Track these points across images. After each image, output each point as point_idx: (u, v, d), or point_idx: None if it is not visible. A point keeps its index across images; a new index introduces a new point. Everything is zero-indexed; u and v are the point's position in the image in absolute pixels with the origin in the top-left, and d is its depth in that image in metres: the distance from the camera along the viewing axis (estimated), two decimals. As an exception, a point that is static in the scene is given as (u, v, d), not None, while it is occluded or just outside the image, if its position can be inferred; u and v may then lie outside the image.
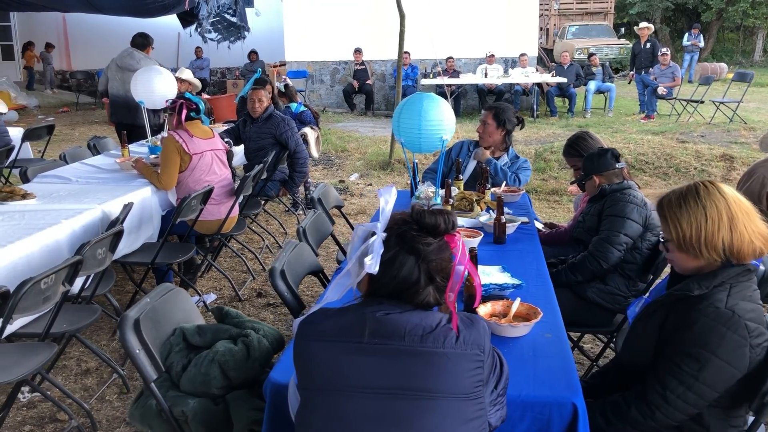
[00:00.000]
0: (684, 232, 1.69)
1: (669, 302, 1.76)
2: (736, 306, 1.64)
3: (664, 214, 1.74)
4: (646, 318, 1.82)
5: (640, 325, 1.84)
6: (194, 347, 2.06)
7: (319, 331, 1.34)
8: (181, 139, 3.88)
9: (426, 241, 1.31)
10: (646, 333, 1.78)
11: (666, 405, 1.67)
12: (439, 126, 3.04)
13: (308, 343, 1.34)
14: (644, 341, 1.79)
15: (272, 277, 2.45)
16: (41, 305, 2.42)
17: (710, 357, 1.62)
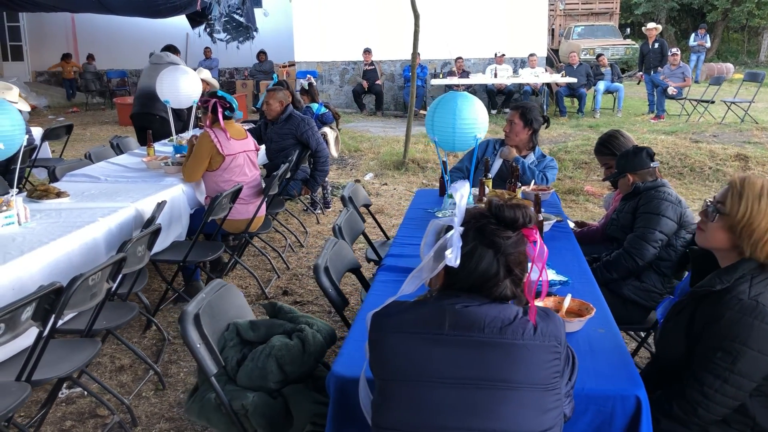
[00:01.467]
0: (751, 221, 1.70)
1: (693, 300, 1.79)
2: (759, 296, 1.67)
3: (742, 192, 1.74)
4: (674, 317, 1.84)
5: (669, 325, 1.87)
6: (248, 342, 2.09)
7: (397, 323, 1.37)
8: (216, 139, 3.92)
9: (505, 235, 1.34)
10: (676, 332, 1.81)
11: (706, 400, 1.69)
12: (474, 125, 3.07)
13: (386, 335, 1.37)
14: (675, 340, 1.81)
15: (317, 273, 2.47)
16: (89, 301, 2.45)
17: (741, 348, 1.64)
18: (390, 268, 2.48)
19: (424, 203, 3.54)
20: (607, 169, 3.35)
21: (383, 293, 2.25)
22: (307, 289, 4.37)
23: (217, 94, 3.97)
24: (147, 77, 6.15)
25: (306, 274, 4.64)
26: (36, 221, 3.10)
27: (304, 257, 4.99)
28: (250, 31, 14.14)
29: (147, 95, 5.98)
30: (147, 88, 5.97)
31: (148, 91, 5.95)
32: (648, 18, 24.86)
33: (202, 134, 4.00)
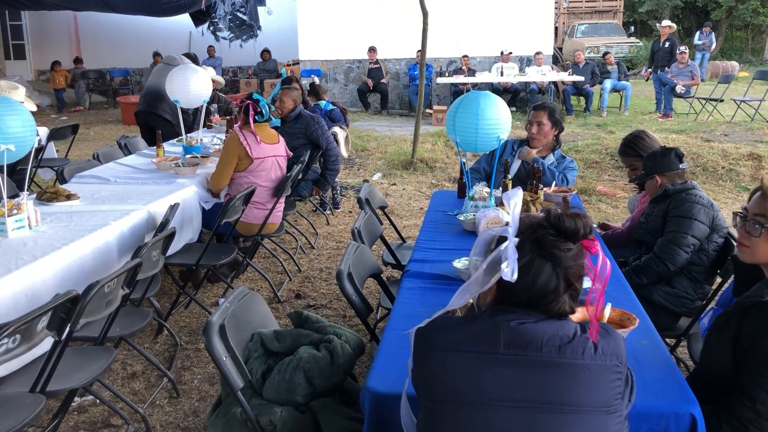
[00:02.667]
0: None
1: (739, 311, 1.70)
2: None
3: None
4: (718, 330, 1.75)
5: (713, 338, 1.78)
6: (272, 353, 2.00)
7: (447, 341, 1.28)
8: (246, 142, 3.85)
9: (565, 247, 1.25)
10: (721, 345, 1.72)
11: (758, 418, 1.61)
12: (497, 125, 2.98)
13: (435, 353, 1.29)
14: (720, 353, 1.72)
15: (340, 280, 2.39)
16: (104, 309, 2.37)
17: None
18: (415, 275, 2.39)
19: (443, 205, 3.45)
20: (631, 170, 3.26)
21: (411, 301, 2.17)
22: (320, 293, 4.28)
23: (253, 96, 3.90)
24: (156, 76, 6.06)
25: (318, 276, 4.56)
26: (47, 225, 3.02)
27: (315, 259, 4.91)
28: (253, 29, 14.05)
29: (153, 94, 5.90)
30: (154, 87, 5.90)
31: (155, 90, 5.87)
32: (652, 16, 24.77)
33: (230, 136, 3.94)
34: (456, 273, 2.38)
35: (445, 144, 8.72)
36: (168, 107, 5.71)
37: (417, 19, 12.25)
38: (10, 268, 2.45)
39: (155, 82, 5.93)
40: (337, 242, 5.29)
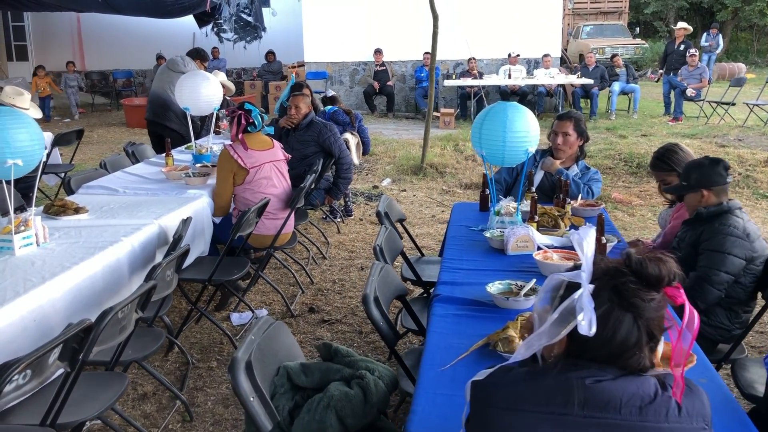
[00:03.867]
0: None
1: None
2: None
3: None
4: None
5: None
6: (300, 388, 1.88)
7: (512, 398, 1.15)
8: (236, 154, 3.71)
9: (648, 296, 1.12)
10: None
11: None
12: (525, 137, 2.85)
13: (497, 412, 1.16)
14: None
15: (366, 305, 2.26)
16: (118, 336, 2.24)
17: None
18: (446, 300, 2.26)
19: (465, 219, 3.32)
20: (663, 185, 3.12)
21: (445, 330, 2.04)
22: (334, 306, 4.16)
23: (245, 107, 3.76)
24: (159, 80, 5.92)
25: (331, 289, 4.43)
26: (55, 241, 2.89)
27: (327, 270, 4.78)
28: (258, 30, 13.96)
29: (158, 103, 5.76)
30: (159, 94, 5.76)
31: (159, 98, 5.74)
32: (657, 17, 24.64)
33: (221, 152, 3.81)
34: (489, 298, 2.25)
35: (454, 149, 8.59)
36: (175, 116, 5.58)
37: (423, 21, 12.13)
38: (18, 291, 2.33)
39: (159, 88, 5.79)
40: (349, 252, 5.16)
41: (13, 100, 4.80)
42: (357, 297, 4.27)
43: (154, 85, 5.96)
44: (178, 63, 5.86)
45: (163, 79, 5.91)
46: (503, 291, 2.27)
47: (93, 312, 2.67)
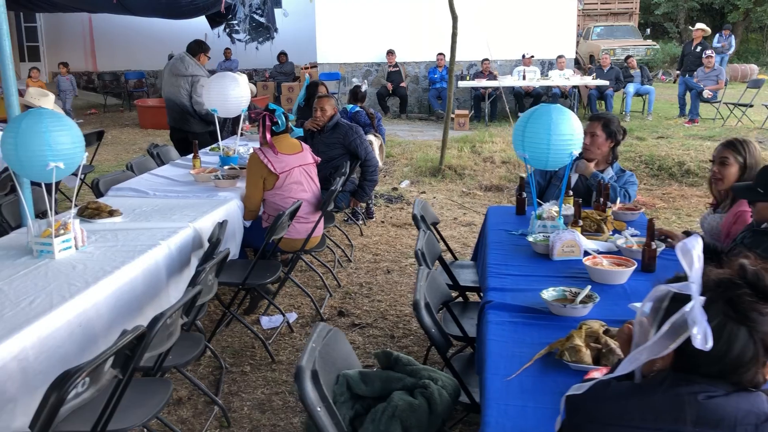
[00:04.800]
0: None
1: None
2: None
3: None
4: None
5: None
6: (359, 397, 1.84)
7: (616, 413, 1.11)
8: (265, 158, 3.68)
9: (765, 309, 1.08)
10: None
11: None
12: (570, 140, 2.81)
13: (602, 427, 1.12)
14: None
15: (417, 311, 2.22)
16: (166, 342, 2.21)
17: None
18: (499, 306, 2.22)
19: (503, 223, 3.28)
20: (720, 165, 2.95)
21: (503, 338, 2.00)
22: (364, 310, 4.12)
23: (269, 106, 3.73)
24: (169, 86, 5.79)
25: (359, 292, 4.39)
26: (92, 245, 2.87)
27: (353, 273, 4.74)
28: (270, 31, 13.91)
29: (176, 110, 5.68)
30: (174, 101, 5.68)
31: (176, 105, 5.66)
32: (667, 18, 24.53)
33: (250, 156, 3.78)
34: (543, 305, 2.21)
35: (471, 150, 8.55)
36: (195, 120, 5.54)
37: (436, 22, 12.11)
38: (64, 295, 2.30)
39: (172, 95, 5.68)
40: (374, 255, 5.12)
41: (38, 101, 4.78)
42: (386, 301, 4.24)
43: (167, 91, 5.85)
44: (179, 67, 5.73)
45: (172, 84, 5.78)
46: (557, 297, 2.22)
47: (134, 316, 2.65)
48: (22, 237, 2.98)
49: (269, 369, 3.38)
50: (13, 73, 3.14)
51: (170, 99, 5.81)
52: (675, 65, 21.63)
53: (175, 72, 5.83)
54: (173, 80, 5.80)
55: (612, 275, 2.42)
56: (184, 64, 5.87)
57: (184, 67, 5.85)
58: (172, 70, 5.87)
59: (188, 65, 5.87)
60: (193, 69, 5.84)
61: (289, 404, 3.07)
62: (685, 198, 6.59)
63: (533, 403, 1.63)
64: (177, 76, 5.76)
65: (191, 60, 5.92)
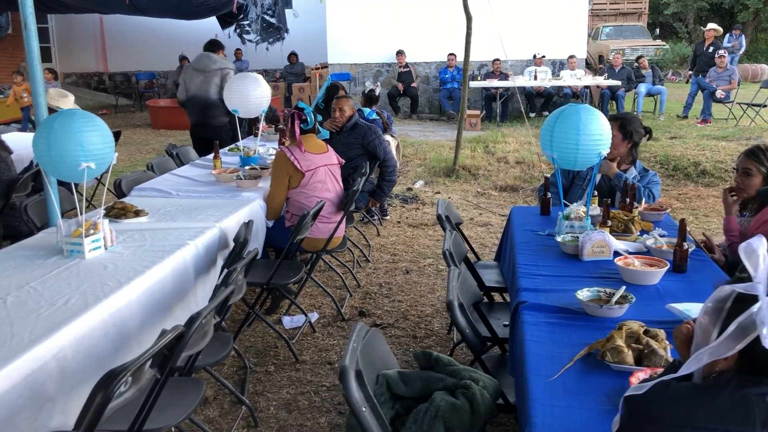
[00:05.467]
0: None
1: None
2: None
3: None
4: None
5: None
6: (399, 397, 1.84)
7: (682, 415, 1.11)
8: (292, 156, 3.69)
9: None
10: None
11: None
12: (599, 140, 2.80)
13: (665, 428, 1.11)
14: None
15: (452, 311, 2.22)
16: (201, 341, 2.22)
17: None
18: (534, 307, 2.22)
19: (528, 224, 3.27)
20: (745, 175, 2.98)
21: (541, 339, 1.99)
22: (384, 310, 4.12)
23: (298, 105, 3.74)
24: (198, 84, 5.88)
25: (379, 292, 4.39)
26: (121, 245, 2.88)
27: (372, 273, 4.74)
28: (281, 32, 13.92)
29: (203, 105, 5.75)
30: (203, 97, 5.74)
31: (205, 99, 5.73)
32: (677, 18, 24.44)
33: (277, 154, 3.79)
34: (578, 306, 2.20)
35: (484, 150, 8.54)
36: (220, 111, 5.60)
37: (446, 22, 12.11)
38: (98, 295, 2.31)
39: (203, 92, 5.77)
40: (391, 255, 5.12)
41: (58, 102, 4.80)
42: (406, 301, 4.24)
43: (193, 90, 5.89)
44: (207, 64, 5.85)
45: (202, 82, 5.88)
46: (592, 298, 2.22)
47: (164, 316, 2.66)
48: (49, 237, 2.99)
49: (293, 369, 3.38)
50: (41, 73, 3.16)
51: (199, 96, 5.89)
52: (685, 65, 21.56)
53: (203, 69, 5.93)
54: (202, 78, 5.88)
55: (645, 276, 2.41)
56: (211, 59, 6.00)
57: (212, 62, 5.98)
58: (200, 68, 5.97)
59: (215, 60, 6.03)
60: (222, 63, 6.03)
61: (315, 404, 3.07)
62: (702, 198, 6.56)
63: (578, 404, 1.63)
64: (206, 72, 5.88)
65: (215, 56, 6.02)
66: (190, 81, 5.88)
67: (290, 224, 3.91)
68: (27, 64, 3.20)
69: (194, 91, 5.88)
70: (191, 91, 5.89)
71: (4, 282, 2.42)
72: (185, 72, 6.07)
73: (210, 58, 5.93)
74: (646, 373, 1.68)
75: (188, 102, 5.89)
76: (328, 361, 3.46)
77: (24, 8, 3.01)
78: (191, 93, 5.89)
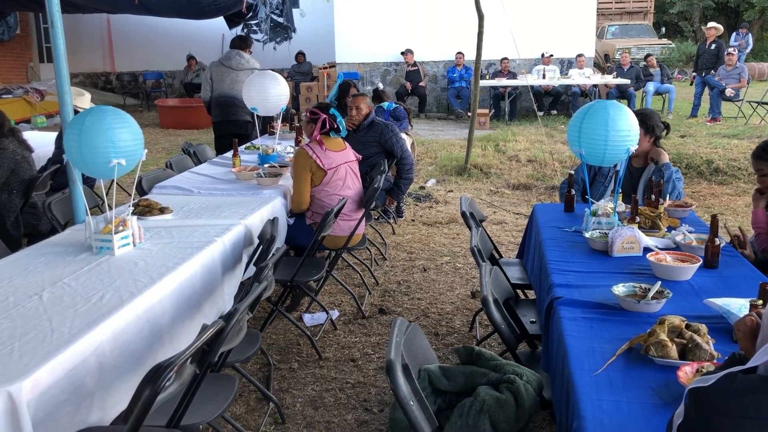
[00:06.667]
0: None
1: None
2: None
3: None
4: None
5: None
6: (441, 392, 1.84)
7: (753, 407, 1.10)
8: (314, 154, 3.69)
9: None
10: None
11: None
12: (628, 136, 2.80)
13: (735, 420, 1.11)
14: None
15: (486, 307, 2.22)
16: (236, 337, 2.22)
17: None
18: (570, 302, 2.21)
19: (553, 220, 3.26)
20: (761, 176, 3.01)
21: (581, 334, 1.99)
22: (404, 307, 4.11)
23: (330, 111, 3.74)
24: (227, 82, 5.89)
25: (397, 290, 4.39)
26: (149, 242, 2.88)
27: (390, 271, 4.74)
28: (288, 31, 13.94)
29: (230, 103, 5.77)
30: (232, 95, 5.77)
31: (233, 98, 5.75)
32: (682, 17, 24.40)
33: (297, 152, 3.78)
34: (614, 301, 2.20)
35: (495, 149, 8.53)
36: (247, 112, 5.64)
37: (454, 21, 12.10)
38: (132, 291, 2.31)
39: (230, 89, 5.78)
40: (408, 253, 5.12)
41: (75, 101, 4.80)
42: (425, 299, 4.23)
43: (223, 89, 5.89)
44: (240, 62, 5.89)
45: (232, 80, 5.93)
46: (627, 293, 2.21)
47: (193, 313, 2.66)
48: (77, 234, 3.00)
49: (317, 366, 3.39)
50: (67, 71, 3.16)
51: (227, 95, 5.89)
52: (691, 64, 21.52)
53: (234, 67, 5.96)
54: (233, 76, 5.91)
55: (677, 271, 2.41)
56: (244, 58, 6.05)
57: (244, 61, 6.03)
58: (231, 66, 5.97)
59: (247, 59, 6.08)
60: (253, 63, 6.11)
61: (340, 401, 3.07)
62: (716, 196, 6.55)
63: (626, 398, 1.62)
64: (237, 71, 5.93)
65: (246, 54, 6.06)
66: (218, 79, 5.89)
67: (311, 222, 3.91)
68: (54, 62, 3.20)
69: (223, 89, 5.88)
70: (220, 89, 5.89)
71: (38, 278, 2.43)
72: (212, 69, 6.04)
73: (242, 56, 5.95)
74: (693, 368, 1.68)
75: (215, 100, 5.89)
76: (351, 359, 3.46)
77: (51, 6, 3.01)
78: (219, 91, 5.88)
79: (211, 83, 5.92)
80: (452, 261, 4.92)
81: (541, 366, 2.31)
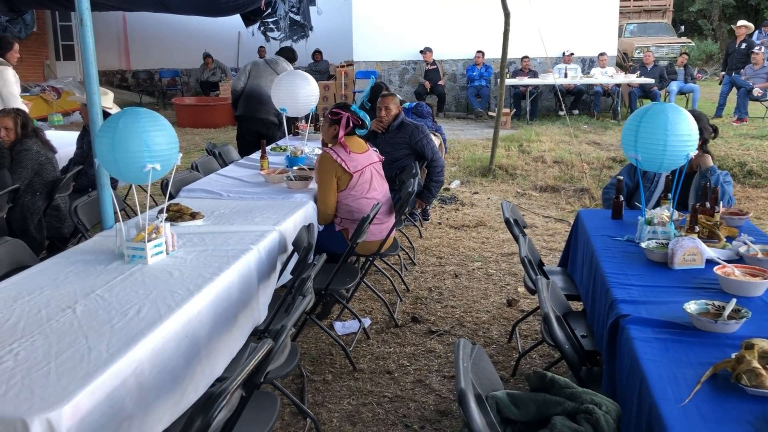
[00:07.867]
0: None
1: None
2: None
3: None
4: None
5: None
6: (510, 421, 1.69)
7: None
8: (339, 158, 3.55)
9: None
10: None
11: None
12: (688, 141, 2.64)
13: None
14: None
15: (549, 325, 2.08)
16: (281, 354, 2.08)
17: None
18: (638, 321, 2.06)
19: (602, 228, 3.10)
20: None
21: (657, 358, 1.84)
22: (438, 316, 3.97)
23: (351, 108, 3.60)
24: (259, 77, 5.88)
25: (429, 297, 4.25)
26: (182, 249, 2.75)
27: (420, 277, 4.60)
28: (305, 29, 13.82)
29: (262, 101, 5.70)
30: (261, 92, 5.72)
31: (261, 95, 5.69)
32: (701, 15, 24.06)
33: (321, 156, 3.64)
34: (685, 319, 2.04)
35: (519, 149, 8.37)
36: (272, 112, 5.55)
37: (474, 19, 11.93)
38: (169, 305, 2.18)
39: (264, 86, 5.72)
40: (437, 258, 4.97)
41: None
42: (459, 306, 4.09)
43: (254, 83, 5.86)
44: (285, 68, 5.91)
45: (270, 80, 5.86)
46: (700, 311, 2.06)
47: (230, 325, 2.54)
48: (106, 241, 2.88)
49: (352, 378, 3.25)
50: (95, 69, 3.04)
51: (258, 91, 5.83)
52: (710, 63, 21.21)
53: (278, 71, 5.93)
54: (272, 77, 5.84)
55: (749, 287, 2.25)
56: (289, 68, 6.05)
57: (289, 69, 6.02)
58: (276, 70, 5.95)
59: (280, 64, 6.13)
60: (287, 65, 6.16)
61: (379, 416, 2.94)
62: (751, 200, 6.35)
63: (721, 433, 1.48)
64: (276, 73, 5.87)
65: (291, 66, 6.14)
66: (256, 75, 5.86)
67: (340, 228, 3.77)
68: (82, 60, 3.08)
69: (257, 84, 5.83)
70: (254, 84, 5.83)
71: (69, 289, 2.31)
72: (253, 65, 6.03)
73: (288, 66, 6.01)
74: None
75: (245, 93, 5.82)
76: (387, 370, 3.32)
77: (80, 4, 2.89)
78: (252, 85, 5.82)
79: (248, 76, 5.85)
80: (484, 267, 4.77)
81: (603, 387, 2.17)
